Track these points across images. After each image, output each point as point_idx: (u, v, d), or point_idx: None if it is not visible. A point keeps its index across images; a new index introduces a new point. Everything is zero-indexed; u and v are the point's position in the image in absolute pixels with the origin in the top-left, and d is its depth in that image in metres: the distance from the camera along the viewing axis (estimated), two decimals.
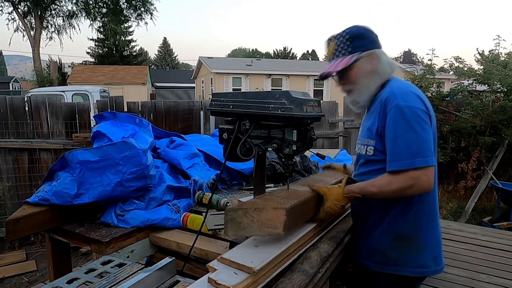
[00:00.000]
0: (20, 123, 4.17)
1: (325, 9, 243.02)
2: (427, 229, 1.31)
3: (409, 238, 1.29)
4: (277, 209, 1.11)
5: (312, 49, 79.45)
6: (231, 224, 1.12)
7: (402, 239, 1.30)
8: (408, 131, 1.17)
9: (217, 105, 1.40)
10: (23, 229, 1.52)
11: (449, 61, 6.27)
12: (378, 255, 1.34)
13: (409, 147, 1.17)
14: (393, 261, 1.31)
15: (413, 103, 1.20)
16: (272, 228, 1.11)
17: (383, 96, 1.28)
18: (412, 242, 1.29)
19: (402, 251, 1.30)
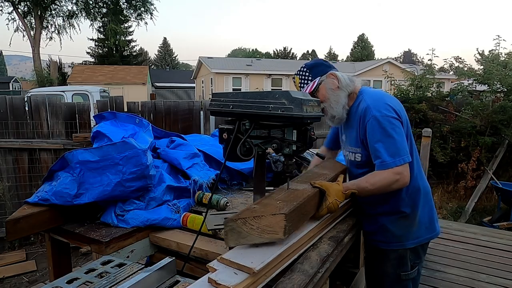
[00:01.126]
0: (20, 123, 4.17)
1: (325, 9, 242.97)
2: (421, 206, 1.58)
3: (409, 216, 1.57)
4: (276, 215, 1.11)
5: (312, 49, 79.46)
6: (231, 234, 1.11)
7: (404, 218, 1.57)
8: (385, 136, 1.42)
9: (217, 105, 1.40)
10: (23, 229, 1.51)
11: (449, 61, 6.28)
12: (387, 235, 1.59)
13: (389, 150, 1.41)
14: (397, 238, 1.58)
15: (386, 111, 1.45)
16: (273, 233, 1.11)
17: (360, 109, 1.53)
18: (411, 219, 1.57)
19: (404, 228, 1.57)
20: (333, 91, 1.56)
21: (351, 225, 1.55)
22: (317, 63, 1.64)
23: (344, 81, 1.57)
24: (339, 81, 1.57)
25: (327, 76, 1.58)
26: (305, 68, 1.62)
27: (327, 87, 1.56)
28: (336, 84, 1.56)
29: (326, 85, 1.57)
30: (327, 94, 1.56)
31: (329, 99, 1.56)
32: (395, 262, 1.60)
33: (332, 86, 1.56)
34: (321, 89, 1.57)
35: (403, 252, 1.58)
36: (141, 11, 23.36)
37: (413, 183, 1.53)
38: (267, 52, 64.26)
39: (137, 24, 35.05)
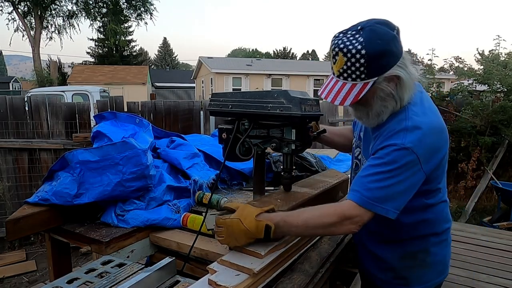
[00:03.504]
0: (20, 123, 4.17)
1: (325, 9, 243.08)
2: (434, 246, 1.23)
3: (417, 254, 1.22)
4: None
5: (312, 49, 79.51)
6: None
7: (410, 257, 1.22)
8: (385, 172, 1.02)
9: (216, 105, 1.40)
10: (23, 229, 1.51)
11: (449, 61, 6.28)
12: (388, 272, 1.26)
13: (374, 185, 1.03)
14: (403, 279, 1.24)
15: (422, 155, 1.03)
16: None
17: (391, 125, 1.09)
18: (421, 259, 1.22)
19: (411, 270, 1.23)
20: (382, 100, 1.08)
21: None
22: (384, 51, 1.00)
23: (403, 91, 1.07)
24: (398, 88, 1.06)
25: (386, 78, 1.04)
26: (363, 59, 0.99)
27: (378, 93, 1.06)
28: (392, 91, 1.06)
29: (378, 90, 1.05)
30: (372, 101, 1.08)
31: (371, 107, 1.10)
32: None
33: (386, 94, 1.06)
34: (370, 91, 1.04)
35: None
36: (141, 11, 23.36)
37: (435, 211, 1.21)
38: (267, 52, 64.33)
39: (137, 24, 35.01)
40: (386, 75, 1.03)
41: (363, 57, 0.98)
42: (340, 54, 1.02)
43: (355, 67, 1.00)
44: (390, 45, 1.01)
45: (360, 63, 0.99)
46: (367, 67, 0.99)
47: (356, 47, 0.98)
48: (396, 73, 1.03)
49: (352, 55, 0.99)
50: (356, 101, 1.03)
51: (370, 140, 1.19)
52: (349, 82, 1.04)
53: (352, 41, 1.00)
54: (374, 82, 1.03)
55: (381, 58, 1.00)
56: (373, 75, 1.01)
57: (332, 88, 1.06)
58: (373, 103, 1.08)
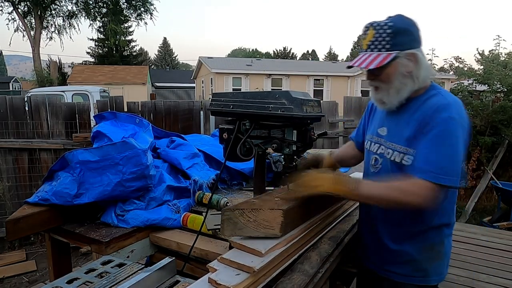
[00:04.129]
0: (20, 123, 4.17)
1: (325, 9, 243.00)
2: (448, 236, 1.31)
3: (435, 247, 1.28)
4: (274, 210, 1.12)
5: (312, 49, 79.55)
6: (228, 224, 1.12)
7: (429, 249, 1.27)
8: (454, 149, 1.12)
9: (217, 105, 1.40)
10: (23, 229, 1.52)
11: (449, 61, 6.28)
12: (408, 266, 1.28)
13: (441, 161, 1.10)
14: (422, 271, 1.28)
15: (466, 123, 1.16)
16: (269, 228, 1.11)
17: (433, 103, 1.18)
18: (437, 252, 1.28)
19: (430, 261, 1.28)
20: (402, 76, 1.19)
21: (351, 225, 1.55)
22: (408, 30, 1.18)
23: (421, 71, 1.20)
24: (416, 68, 1.19)
25: (407, 54, 1.17)
26: (391, 30, 1.16)
27: (399, 68, 1.18)
28: (411, 69, 1.19)
29: (398, 66, 1.18)
30: (392, 77, 1.20)
31: (392, 84, 1.21)
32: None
33: (405, 70, 1.18)
34: (392, 66, 1.18)
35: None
36: (141, 11, 23.35)
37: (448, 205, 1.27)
38: (267, 52, 64.34)
39: (137, 24, 35.01)
40: (408, 51, 1.17)
41: (391, 28, 1.16)
42: (371, 28, 1.19)
43: (382, 37, 1.17)
44: (413, 28, 1.19)
45: (387, 33, 1.16)
46: (393, 38, 1.16)
47: (386, 22, 1.18)
48: (415, 52, 1.19)
49: (381, 27, 1.17)
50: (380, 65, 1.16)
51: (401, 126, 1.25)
52: (375, 52, 1.18)
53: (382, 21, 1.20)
54: (396, 56, 1.17)
55: (405, 34, 1.17)
56: (396, 47, 1.16)
57: (360, 59, 1.21)
58: (394, 79, 1.20)
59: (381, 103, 1.28)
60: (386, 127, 1.32)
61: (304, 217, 1.28)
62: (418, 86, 1.21)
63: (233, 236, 1.12)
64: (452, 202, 1.29)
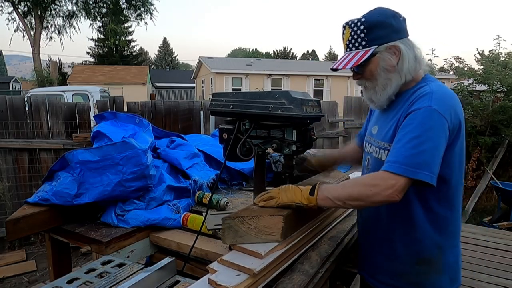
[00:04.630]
0: (20, 123, 4.17)
1: (325, 9, 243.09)
2: (448, 248, 1.20)
3: (431, 260, 1.18)
4: (274, 216, 1.12)
5: (312, 49, 79.59)
6: (229, 232, 1.12)
7: (425, 262, 1.18)
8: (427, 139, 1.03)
9: (217, 105, 1.40)
10: (23, 229, 1.51)
11: (449, 61, 6.28)
12: (399, 279, 1.22)
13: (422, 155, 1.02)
14: (414, 285, 1.20)
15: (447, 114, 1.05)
16: (270, 235, 1.11)
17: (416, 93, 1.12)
18: (434, 265, 1.18)
19: (424, 275, 1.19)
20: (386, 72, 1.14)
21: (351, 225, 1.55)
22: (383, 22, 1.12)
23: (408, 63, 1.13)
24: (400, 61, 1.13)
25: (387, 47, 1.12)
26: (363, 26, 1.12)
27: (381, 64, 1.13)
28: (394, 63, 1.13)
29: (380, 60, 1.13)
30: (376, 73, 1.15)
31: (376, 80, 1.16)
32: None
33: (388, 64, 1.13)
34: (373, 62, 1.14)
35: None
36: (141, 11, 23.35)
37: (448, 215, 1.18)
38: (267, 52, 64.34)
39: (137, 24, 34.98)
40: (387, 44, 1.12)
41: (364, 23, 1.12)
42: (347, 27, 1.17)
43: (357, 35, 1.14)
44: (389, 19, 1.13)
45: (361, 29, 1.13)
46: (367, 34, 1.12)
47: (359, 18, 1.15)
48: (396, 44, 1.13)
49: (355, 24, 1.14)
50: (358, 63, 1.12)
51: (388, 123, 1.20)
52: (353, 51, 1.16)
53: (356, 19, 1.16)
54: (376, 52, 1.13)
55: (381, 27, 1.12)
56: (372, 42, 1.12)
57: (340, 60, 1.18)
58: (377, 75, 1.16)
59: (371, 101, 1.24)
60: (378, 126, 1.28)
61: (304, 220, 1.28)
62: (406, 79, 1.15)
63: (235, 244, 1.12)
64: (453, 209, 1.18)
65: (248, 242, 1.11)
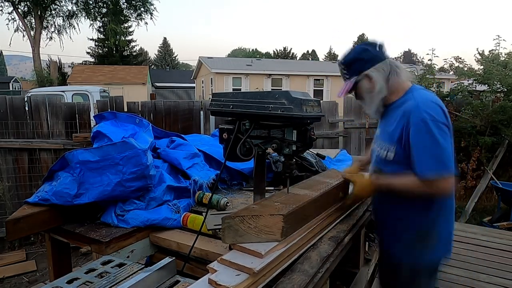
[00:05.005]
0: (20, 123, 4.17)
1: (325, 9, 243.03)
2: (443, 224, 1.48)
3: (428, 233, 1.46)
4: (274, 216, 1.12)
5: (312, 49, 79.57)
6: (229, 231, 1.12)
7: (423, 235, 1.45)
8: (435, 144, 1.31)
9: (217, 105, 1.40)
10: (23, 229, 1.52)
11: (449, 61, 6.26)
12: (403, 248, 1.49)
13: (437, 159, 1.31)
14: (411, 252, 1.47)
15: (437, 116, 1.34)
16: (270, 234, 1.11)
17: (406, 106, 1.40)
18: (430, 237, 1.46)
19: (422, 245, 1.46)
20: (368, 93, 1.49)
21: (351, 225, 1.55)
22: (358, 57, 1.47)
23: (379, 85, 1.45)
24: (376, 83, 1.45)
25: (364, 76, 1.46)
26: (344, 64, 1.51)
27: (363, 87, 1.49)
28: (372, 87, 1.47)
29: (362, 86, 1.49)
30: (363, 95, 1.52)
31: (365, 99, 1.53)
32: (407, 279, 1.49)
33: (367, 88, 1.48)
34: (359, 87, 1.50)
35: (418, 270, 1.48)
36: (141, 11, 23.36)
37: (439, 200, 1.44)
38: (267, 52, 64.29)
39: (137, 24, 35.01)
40: (362, 74, 1.47)
41: (343, 63, 1.52)
42: (339, 67, 1.56)
43: (343, 71, 1.53)
44: (361, 55, 1.47)
45: (343, 67, 1.53)
46: (348, 69, 1.50)
47: (342, 61, 1.53)
48: (367, 73, 1.46)
49: (340, 64, 1.54)
50: (347, 93, 1.52)
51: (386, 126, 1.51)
52: (346, 82, 1.52)
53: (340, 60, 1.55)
54: (358, 80, 1.48)
55: (355, 63, 1.48)
56: (352, 75, 1.49)
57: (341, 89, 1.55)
58: (364, 96, 1.52)
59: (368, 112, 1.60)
60: (380, 129, 1.60)
61: (305, 219, 1.28)
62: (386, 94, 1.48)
63: (235, 243, 1.12)
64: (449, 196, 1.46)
65: (248, 242, 1.11)
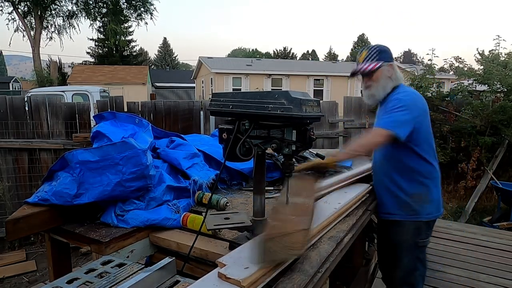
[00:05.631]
0: (20, 123, 4.17)
1: (325, 9, 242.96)
2: (432, 188, 1.91)
3: (422, 195, 1.88)
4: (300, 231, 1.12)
5: (312, 49, 79.55)
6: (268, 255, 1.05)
7: (418, 196, 1.88)
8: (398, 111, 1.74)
9: (217, 105, 1.40)
10: (23, 229, 1.51)
11: (449, 61, 6.26)
12: (405, 208, 1.90)
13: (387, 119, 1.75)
14: (414, 211, 1.89)
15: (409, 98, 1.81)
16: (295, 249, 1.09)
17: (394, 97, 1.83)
18: (424, 198, 1.89)
19: (419, 204, 1.88)
20: (386, 79, 1.85)
21: (351, 225, 1.55)
22: (386, 50, 1.88)
23: (397, 75, 1.88)
24: (394, 74, 1.87)
25: (388, 64, 1.85)
26: (378, 49, 1.86)
27: (384, 73, 1.84)
28: (391, 75, 1.86)
29: (383, 71, 1.84)
30: (380, 79, 1.84)
31: (379, 83, 1.85)
32: (413, 232, 1.90)
33: (388, 74, 1.85)
34: (379, 72, 1.84)
35: (420, 224, 1.90)
36: (141, 11, 23.37)
37: (429, 168, 1.88)
38: (267, 52, 64.26)
39: (137, 24, 34.95)
40: (388, 63, 1.86)
41: (379, 47, 1.88)
42: (365, 49, 1.91)
43: (372, 54, 1.86)
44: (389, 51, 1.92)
45: (376, 50, 1.86)
46: (379, 54, 1.86)
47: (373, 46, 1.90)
48: (392, 63, 1.89)
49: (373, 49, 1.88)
50: (372, 69, 1.83)
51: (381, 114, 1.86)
52: (368, 62, 1.86)
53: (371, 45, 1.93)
54: (381, 65, 1.84)
55: (385, 53, 1.88)
56: (381, 60, 1.85)
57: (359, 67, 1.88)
58: (381, 79, 1.86)
59: (372, 96, 1.91)
60: (376, 117, 1.98)
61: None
62: (394, 85, 1.88)
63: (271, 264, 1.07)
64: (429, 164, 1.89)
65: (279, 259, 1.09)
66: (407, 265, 1.96)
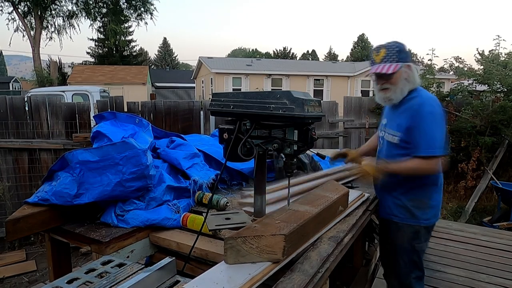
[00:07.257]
0: (20, 123, 4.17)
1: (325, 9, 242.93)
2: (433, 194, 1.87)
3: (422, 200, 1.86)
4: (275, 236, 1.12)
5: (312, 49, 79.56)
6: (231, 252, 1.12)
7: (418, 201, 1.86)
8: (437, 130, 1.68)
9: (218, 105, 1.40)
10: (23, 229, 1.51)
11: (449, 61, 6.26)
12: (404, 211, 1.88)
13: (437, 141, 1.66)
14: (413, 215, 1.86)
15: (439, 110, 1.72)
16: (272, 254, 1.12)
17: (416, 101, 1.74)
18: (425, 203, 1.86)
19: (418, 209, 1.86)
20: (403, 81, 1.76)
21: (351, 225, 1.55)
22: (405, 49, 1.76)
23: (415, 77, 1.79)
24: (411, 75, 1.77)
25: (406, 65, 1.75)
26: (397, 48, 1.73)
27: (402, 74, 1.75)
28: (410, 76, 1.77)
29: (402, 72, 1.74)
30: (398, 81, 1.75)
31: (398, 85, 1.76)
32: (411, 235, 1.88)
33: (405, 76, 1.75)
34: (398, 73, 1.73)
35: (419, 228, 1.88)
36: (141, 11, 23.36)
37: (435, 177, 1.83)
38: (267, 52, 64.21)
39: (137, 24, 35.04)
40: (407, 64, 1.75)
41: (397, 47, 1.74)
42: (383, 48, 1.75)
43: (392, 53, 1.73)
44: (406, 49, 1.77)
45: (396, 50, 1.73)
46: (399, 54, 1.73)
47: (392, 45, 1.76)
48: (411, 64, 1.77)
49: (390, 47, 1.74)
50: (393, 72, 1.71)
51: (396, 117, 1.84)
52: (388, 63, 1.73)
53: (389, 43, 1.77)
54: (401, 66, 1.72)
55: (404, 52, 1.75)
56: (400, 60, 1.73)
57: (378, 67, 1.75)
58: (399, 81, 1.76)
59: (389, 100, 1.81)
60: (387, 119, 1.94)
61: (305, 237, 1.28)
62: (412, 87, 1.79)
63: (237, 263, 1.12)
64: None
65: (251, 261, 1.11)
66: (403, 267, 1.95)
